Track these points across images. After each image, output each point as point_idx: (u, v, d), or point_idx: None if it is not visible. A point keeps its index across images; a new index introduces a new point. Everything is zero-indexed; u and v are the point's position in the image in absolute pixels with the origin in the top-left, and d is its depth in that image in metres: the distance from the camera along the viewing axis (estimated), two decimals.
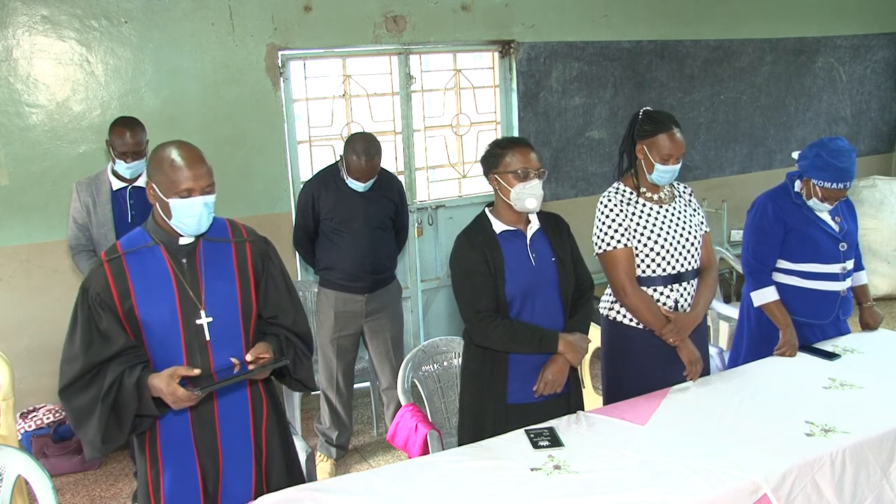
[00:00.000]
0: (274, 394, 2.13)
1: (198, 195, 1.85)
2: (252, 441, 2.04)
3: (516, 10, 4.60)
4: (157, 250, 1.92)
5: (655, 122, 2.48)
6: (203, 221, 1.88)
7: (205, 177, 1.86)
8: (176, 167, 1.83)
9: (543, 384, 2.30)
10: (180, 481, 1.97)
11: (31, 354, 3.72)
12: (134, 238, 1.96)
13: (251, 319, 2.00)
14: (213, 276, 1.94)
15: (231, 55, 3.91)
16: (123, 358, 1.87)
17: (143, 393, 1.84)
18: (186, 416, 1.96)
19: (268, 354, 1.92)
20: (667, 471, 1.96)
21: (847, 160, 2.69)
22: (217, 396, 1.98)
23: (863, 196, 5.64)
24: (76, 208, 3.18)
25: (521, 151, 2.26)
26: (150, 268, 1.91)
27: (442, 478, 1.98)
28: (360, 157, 3.19)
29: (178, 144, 1.89)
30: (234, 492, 2.02)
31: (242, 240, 2.02)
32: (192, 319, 1.91)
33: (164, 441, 1.97)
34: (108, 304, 1.87)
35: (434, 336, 3.89)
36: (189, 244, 1.94)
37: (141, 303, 1.88)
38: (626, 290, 2.51)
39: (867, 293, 3.03)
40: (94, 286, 1.88)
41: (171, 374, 1.82)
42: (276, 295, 2.04)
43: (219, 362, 1.93)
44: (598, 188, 5.03)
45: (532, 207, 2.27)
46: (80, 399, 1.87)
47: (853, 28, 6.03)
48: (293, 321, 2.06)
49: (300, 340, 2.07)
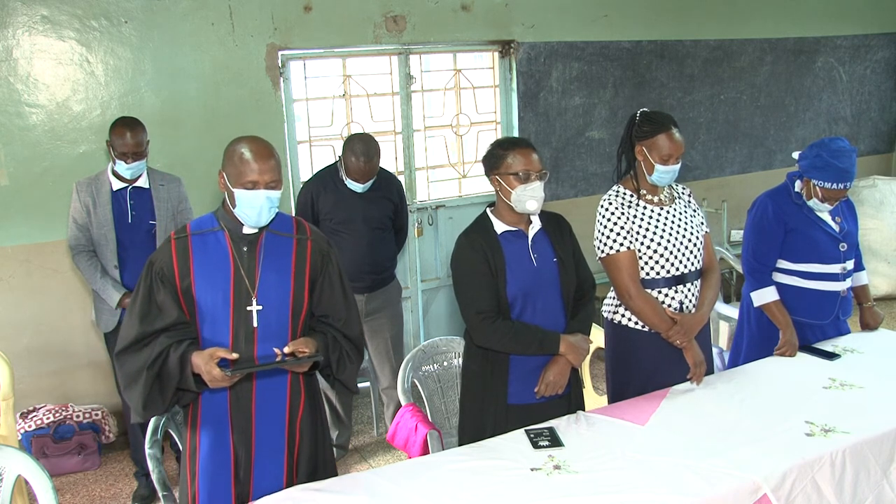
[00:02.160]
0: (314, 391, 2.17)
1: (262, 188, 1.92)
2: (286, 432, 2.08)
3: (516, 10, 4.60)
4: (222, 235, 2.01)
5: (654, 123, 2.48)
6: (264, 214, 1.95)
7: (270, 172, 1.93)
8: (244, 160, 1.93)
9: (545, 385, 2.30)
10: (215, 459, 2.04)
11: (31, 354, 3.72)
12: (204, 221, 2.06)
13: (301, 314, 2.06)
14: (269, 267, 2.01)
15: (231, 55, 3.91)
16: (174, 332, 1.97)
17: (186, 368, 1.93)
18: (225, 396, 2.03)
19: (307, 349, 1.97)
20: (667, 471, 1.96)
21: (847, 160, 2.69)
22: (255, 383, 2.04)
23: (863, 196, 5.64)
24: (76, 208, 3.18)
25: (523, 153, 2.26)
26: (212, 250, 2.00)
27: (442, 478, 1.98)
28: (359, 158, 3.19)
29: (251, 139, 1.97)
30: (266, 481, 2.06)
31: (305, 237, 2.08)
32: (243, 306, 1.98)
33: (204, 414, 2.05)
34: (168, 279, 1.97)
35: (434, 336, 3.89)
36: (252, 234, 2.02)
37: (199, 282, 1.97)
38: (631, 293, 2.50)
39: (867, 293, 3.03)
40: (159, 260, 1.98)
41: (212, 353, 1.90)
42: (330, 295, 2.09)
43: (263, 350, 1.99)
44: (598, 188, 5.03)
45: (533, 209, 2.27)
46: (130, 364, 1.96)
47: (853, 28, 6.03)
48: (344, 323, 2.11)
49: (349, 342, 2.12)
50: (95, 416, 3.70)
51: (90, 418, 3.68)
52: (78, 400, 3.80)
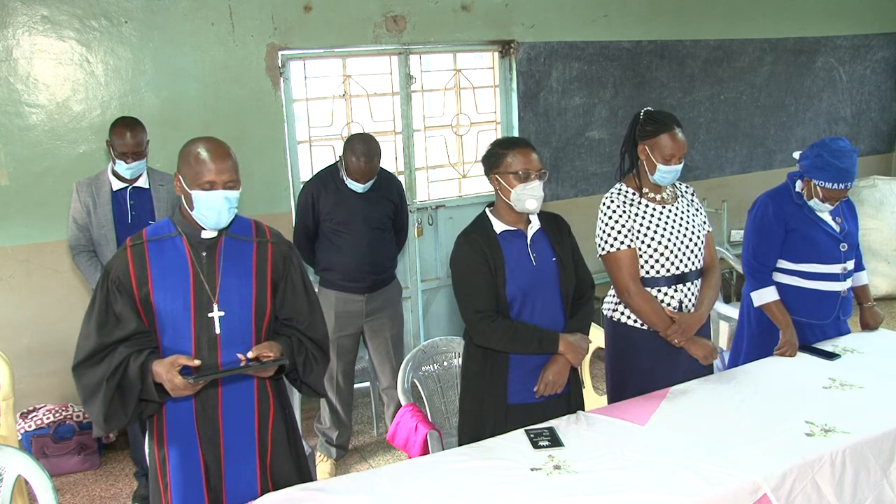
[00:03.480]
0: (282, 394, 2.14)
1: (220, 189, 1.88)
2: (256, 438, 2.05)
3: (516, 10, 4.60)
4: (179, 241, 1.96)
5: (657, 123, 2.48)
6: (223, 215, 1.91)
7: (227, 171, 1.89)
8: (201, 160, 1.88)
9: (544, 385, 2.30)
10: (184, 470, 2.00)
11: (31, 354, 3.72)
12: (160, 227, 2.00)
13: (264, 319, 2.02)
14: (229, 272, 1.97)
15: (231, 55, 3.91)
16: (133, 341, 1.91)
17: (147, 377, 1.88)
18: (190, 405, 1.99)
19: (271, 353, 1.93)
20: (667, 471, 1.96)
21: (848, 161, 2.69)
22: (221, 391, 2.00)
23: (863, 196, 5.64)
24: (76, 208, 3.18)
25: (523, 152, 2.25)
26: (170, 257, 1.95)
27: (442, 478, 1.98)
28: (360, 158, 3.19)
29: (207, 139, 1.93)
30: (238, 488, 2.03)
31: (265, 240, 2.04)
32: (204, 312, 1.94)
33: (169, 429, 2.01)
34: (125, 288, 1.91)
35: (434, 336, 3.89)
36: (211, 238, 1.97)
37: (157, 290, 1.92)
38: (630, 292, 2.50)
39: (868, 293, 3.03)
40: (115, 269, 1.93)
41: (173, 361, 1.84)
42: (293, 298, 2.06)
43: (226, 357, 1.95)
44: (598, 188, 5.03)
45: (532, 208, 2.27)
46: (89, 376, 1.91)
47: (853, 28, 6.03)
48: (308, 325, 2.07)
49: (314, 345, 2.08)
50: None
51: (90, 418, 3.68)
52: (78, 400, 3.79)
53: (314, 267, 3.54)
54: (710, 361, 2.57)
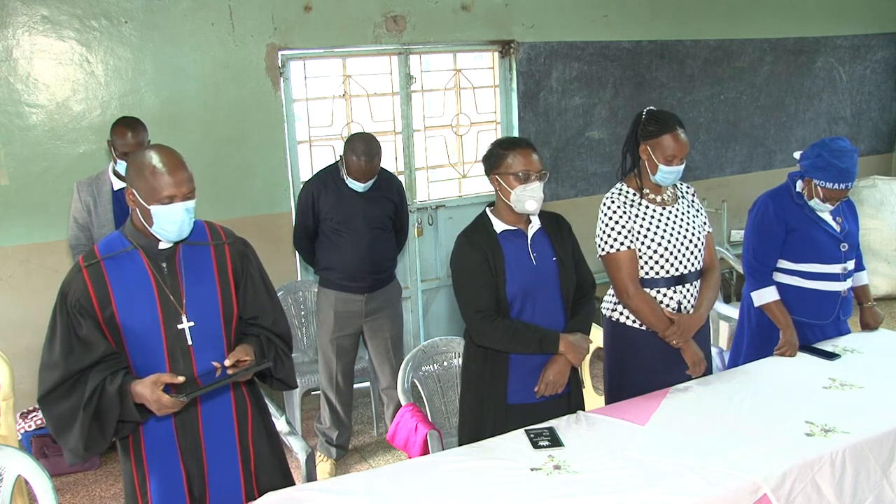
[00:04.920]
0: (258, 396, 2.13)
1: (179, 201, 1.82)
2: (237, 444, 2.03)
3: (516, 10, 4.60)
4: (137, 255, 1.89)
5: (659, 123, 2.48)
6: (185, 227, 1.87)
7: (186, 183, 1.83)
8: (157, 173, 1.80)
9: (545, 385, 2.30)
10: (166, 485, 1.96)
11: (31, 354, 3.71)
12: (112, 242, 1.92)
13: (232, 322, 1.99)
14: (193, 281, 1.92)
15: (231, 55, 3.91)
16: (104, 364, 1.84)
17: (126, 399, 1.81)
18: (170, 421, 1.95)
19: (248, 357, 1.91)
20: (667, 471, 1.96)
21: (849, 161, 2.69)
22: (200, 401, 1.97)
23: (863, 196, 5.64)
24: (77, 208, 3.18)
25: (523, 153, 2.25)
26: (129, 273, 1.88)
27: (442, 478, 1.98)
28: (360, 157, 3.19)
29: (158, 149, 1.85)
30: (221, 495, 2.01)
31: (221, 242, 2.00)
32: (174, 324, 1.89)
33: (148, 446, 1.96)
34: (87, 311, 1.83)
35: (434, 336, 3.89)
36: (168, 248, 1.92)
37: (121, 309, 1.85)
38: (629, 292, 2.50)
39: (868, 293, 3.03)
40: (72, 292, 1.84)
41: (155, 380, 1.79)
42: (255, 296, 2.03)
43: (202, 366, 1.91)
44: (598, 188, 5.03)
45: (532, 209, 2.27)
46: (60, 407, 1.84)
47: (853, 28, 6.03)
48: (273, 321, 2.05)
49: (280, 340, 2.07)
50: None
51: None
52: None
53: (314, 266, 3.54)
54: (696, 373, 2.54)
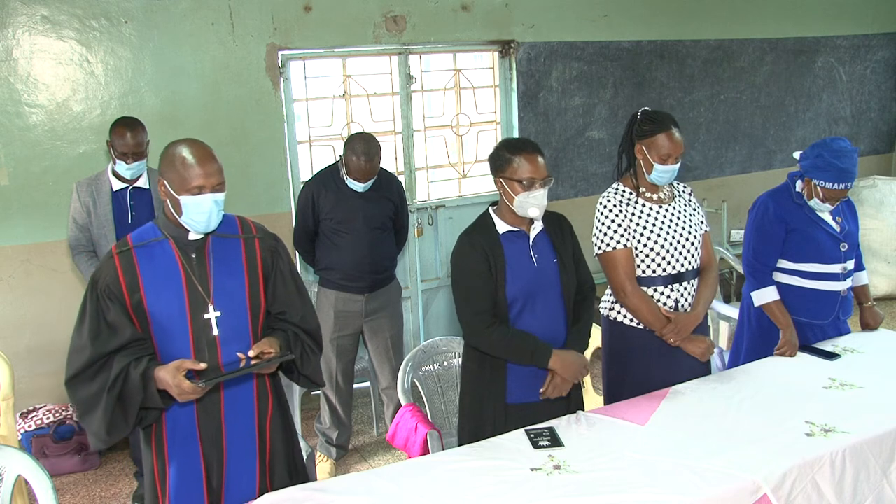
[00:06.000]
0: (279, 391, 2.14)
1: (208, 192, 1.87)
2: (256, 436, 2.05)
3: (516, 10, 4.60)
4: (167, 245, 1.94)
5: (654, 122, 2.48)
6: (213, 219, 1.91)
7: (215, 174, 1.88)
8: (187, 165, 1.86)
9: (552, 388, 2.29)
10: (185, 474, 1.98)
11: (31, 354, 3.72)
12: (145, 232, 1.97)
13: (259, 315, 2.02)
14: (221, 272, 1.96)
15: (231, 55, 3.91)
16: (130, 350, 1.89)
17: (149, 385, 1.85)
18: (192, 408, 1.98)
19: (272, 350, 1.93)
20: (667, 471, 1.96)
21: (849, 161, 2.69)
22: (223, 390, 2.00)
23: (863, 196, 5.64)
24: (76, 208, 3.18)
25: (530, 159, 2.22)
26: (159, 262, 1.93)
27: (442, 478, 1.98)
28: (360, 157, 3.19)
29: (190, 142, 1.91)
30: (238, 488, 2.03)
31: (251, 236, 2.03)
32: (200, 314, 1.93)
33: (170, 433, 1.99)
34: (116, 296, 1.89)
35: (434, 336, 3.89)
36: (198, 239, 1.97)
37: (149, 296, 1.90)
38: (626, 291, 2.51)
39: (868, 293, 3.03)
40: (103, 278, 1.90)
41: (178, 366, 1.83)
42: (284, 291, 2.06)
43: (226, 357, 1.94)
44: (598, 188, 5.03)
45: (534, 216, 2.26)
46: (86, 389, 1.88)
47: (853, 28, 6.03)
48: (301, 317, 2.07)
49: (308, 336, 2.08)
50: None
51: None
52: None
53: (314, 266, 3.54)
54: (708, 357, 2.57)
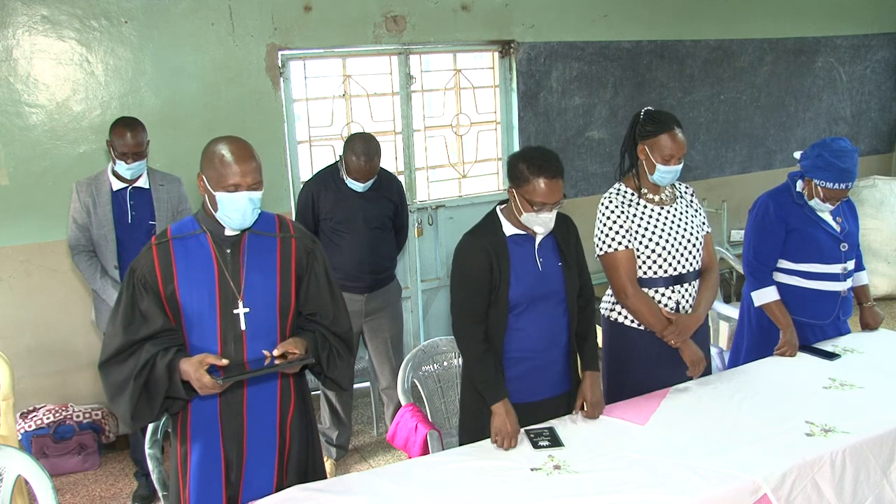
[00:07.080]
0: (303, 390, 2.15)
1: (244, 191, 1.89)
2: (277, 435, 2.06)
3: (516, 10, 4.60)
4: (204, 238, 1.98)
5: (657, 123, 2.48)
6: (247, 216, 1.93)
7: (252, 173, 1.90)
8: (225, 162, 1.88)
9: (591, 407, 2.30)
10: (205, 466, 2.01)
11: (31, 354, 3.72)
12: (184, 225, 2.02)
13: (289, 314, 2.03)
14: (254, 268, 1.99)
15: (231, 55, 3.91)
16: (160, 339, 1.93)
17: (174, 375, 1.89)
18: (215, 401, 2.01)
19: (297, 350, 1.94)
20: (667, 471, 1.96)
21: (849, 161, 2.69)
22: (247, 386, 2.02)
23: (863, 196, 5.64)
24: (76, 209, 3.18)
25: (548, 184, 2.14)
26: (194, 254, 1.96)
27: (442, 478, 1.98)
28: (360, 157, 3.19)
29: (230, 140, 1.93)
30: (256, 484, 2.04)
31: (289, 235, 2.06)
32: (230, 309, 1.95)
33: (194, 424, 2.02)
34: (151, 286, 1.93)
35: (434, 336, 3.89)
36: (235, 235, 1.99)
37: (182, 287, 1.93)
38: (628, 292, 2.50)
39: (868, 293, 3.03)
40: (140, 267, 1.94)
41: (201, 360, 1.86)
42: (317, 293, 2.07)
43: (252, 353, 1.96)
44: (598, 188, 5.03)
45: (539, 233, 2.25)
46: (116, 374, 1.92)
47: (853, 28, 6.03)
48: (332, 320, 2.08)
49: (338, 339, 2.09)
50: (95, 416, 3.70)
51: (90, 418, 3.69)
52: (78, 400, 3.80)
53: None
54: (695, 373, 2.53)
